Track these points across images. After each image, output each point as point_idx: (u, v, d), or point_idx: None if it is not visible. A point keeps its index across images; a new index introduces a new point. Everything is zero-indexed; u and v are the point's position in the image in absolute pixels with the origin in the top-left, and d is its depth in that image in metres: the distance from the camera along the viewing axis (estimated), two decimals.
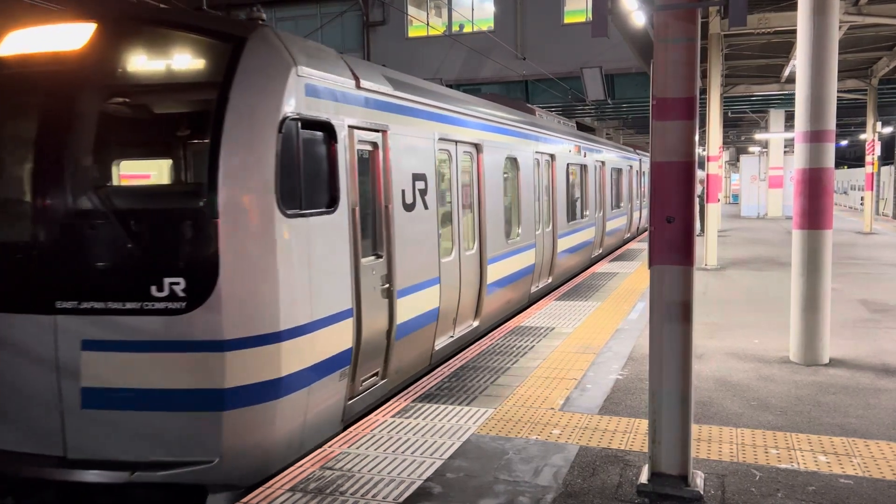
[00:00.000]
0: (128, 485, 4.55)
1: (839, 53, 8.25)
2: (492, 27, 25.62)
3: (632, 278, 13.25)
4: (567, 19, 25.20)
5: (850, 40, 15.84)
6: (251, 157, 4.63)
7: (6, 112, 5.07)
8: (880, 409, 5.83)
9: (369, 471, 4.71)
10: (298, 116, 4.90)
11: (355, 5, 26.82)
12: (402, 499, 4.30)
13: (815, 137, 6.94)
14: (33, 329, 4.70)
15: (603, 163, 17.24)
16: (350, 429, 5.49)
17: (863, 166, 27.51)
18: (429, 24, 26.32)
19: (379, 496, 4.33)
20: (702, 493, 4.29)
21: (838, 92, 8.18)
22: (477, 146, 8.63)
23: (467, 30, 25.90)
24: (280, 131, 4.72)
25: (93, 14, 4.97)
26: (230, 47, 4.76)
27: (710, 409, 5.86)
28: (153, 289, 4.55)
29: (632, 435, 5.30)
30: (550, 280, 12.30)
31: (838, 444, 5.06)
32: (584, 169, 15.04)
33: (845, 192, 41.82)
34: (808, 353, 7.18)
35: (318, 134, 5.22)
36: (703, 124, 17.88)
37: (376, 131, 6.09)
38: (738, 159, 42.72)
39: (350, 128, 5.60)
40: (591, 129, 33.18)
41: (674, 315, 4.26)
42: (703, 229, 17.18)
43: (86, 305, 4.63)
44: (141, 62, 4.93)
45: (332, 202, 5.32)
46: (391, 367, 6.37)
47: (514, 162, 10.19)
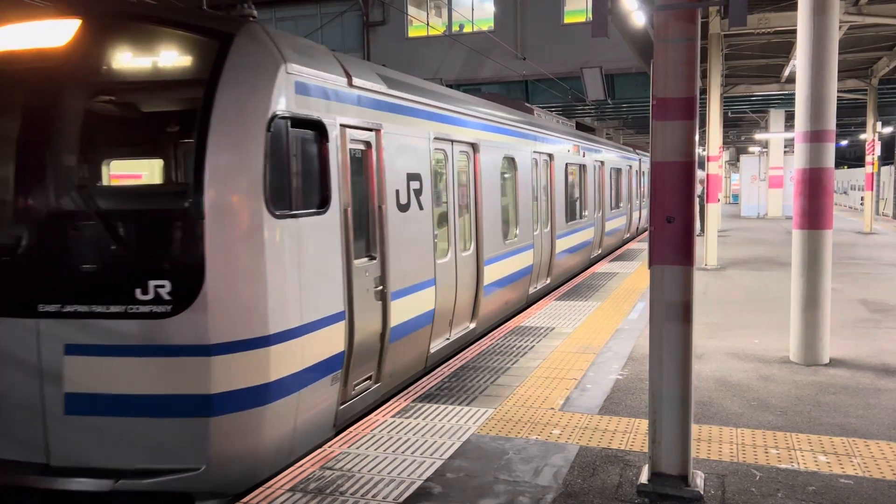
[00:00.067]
0: (112, 493, 4.45)
1: (839, 53, 8.26)
2: (492, 27, 25.62)
3: (632, 278, 13.25)
4: (567, 19, 25.21)
5: (850, 40, 15.84)
6: (238, 156, 4.52)
7: None
8: (880, 409, 5.83)
9: (369, 471, 4.71)
10: (288, 115, 4.80)
11: (355, 5, 26.83)
12: (402, 499, 4.30)
13: (815, 137, 6.94)
14: (15, 333, 4.58)
15: (602, 162, 17.20)
16: (350, 429, 5.49)
17: (863, 166, 27.53)
18: (429, 24, 26.32)
19: (379, 496, 4.33)
20: (702, 493, 4.29)
21: (838, 92, 8.18)
22: (474, 146, 8.54)
23: (467, 30, 25.91)
24: (268, 130, 4.61)
25: (77, 10, 4.86)
26: (217, 44, 4.66)
27: (710, 409, 5.86)
28: (138, 291, 4.44)
29: (632, 435, 5.30)
30: (549, 281, 12.26)
31: (838, 444, 5.06)
32: (582, 169, 14.97)
33: (845, 192, 41.83)
34: (808, 353, 7.18)
35: (308, 133, 5.11)
36: (703, 124, 17.88)
37: (369, 130, 5.99)
38: (738, 159, 42.74)
39: (342, 126, 5.50)
40: (591, 129, 33.20)
41: (674, 315, 4.26)
42: (703, 229, 17.19)
43: (69, 309, 4.51)
44: (126, 59, 4.82)
45: (323, 203, 5.22)
46: (385, 371, 6.27)
47: (512, 162, 10.11)
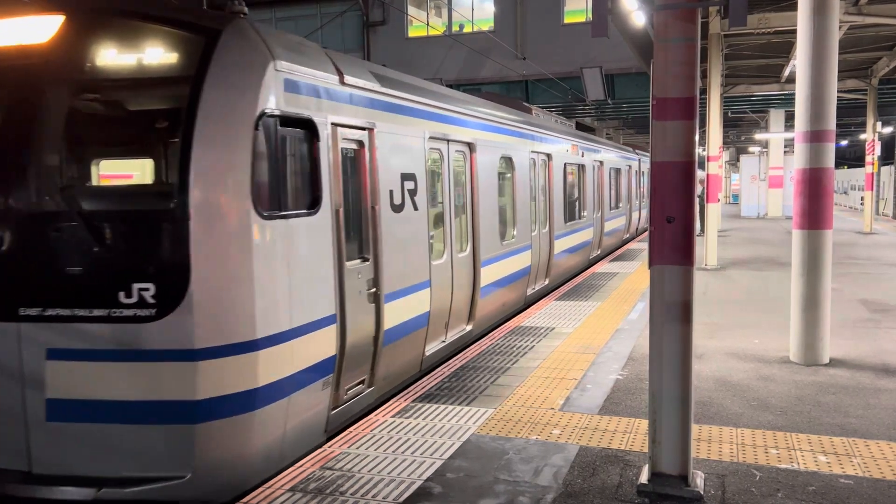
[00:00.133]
0: (95, 501, 4.35)
1: (839, 53, 8.26)
2: (492, 27, 25.65)
3: (632, 278, 13.25)
4: (567, 19, 25.24)
5: (850, 40, 15.84)
6: (225, 155, 4.42)
7: None
8: (880, 408, 5.83)
9: (369, 471, 4.71)
10: (276, 113, 4.69)
11: (355, 5, 26.84)
12: (402, 499, 4.30)
13: (815, 137, 6.94)
14: None
15: (601, 162, 17.18)
16: (350, 428, 5.48)
17: (863, 166, 27.54)
18: (429, 24, 26.33)
19: (379, 496, 4.33)
20: (702, 493, 4.29)
21: (838, 92, 8.18)
22: (470, 145, 8.45)
23: (467, 30, 25.92)
24: (256, 128, 4.51)
25: (61, 6, 4.75)
26: (203, 40, 4.55)
27: (710, 409, 5.86)
28: (121, 295, 4.33)
29: (632, 435, 5.30)
30: (547, 282, 12.20)
31: (838, 444, 5.06)
32: (581, 169, 14.93)
33: (845, 192, 41.83)
34: (809, 353, 7.18)
35: (298, 132, 5.01)
36: (703, 124, 17.88)
37: (362, 129, 5.88)
38: (738, 159, 42.75)
39: (333, 125, 5.40)
40: (591, 129, 33.20)
41: (674, 315, 4.26)
42: (703, 229, 17.19)
43: (51, 312, 4.40)
44: (111, 56, 4.71)
45: (313, 203, 5.12)
46: (378, 375, 6.17)
47: (510, 161, 10.04)
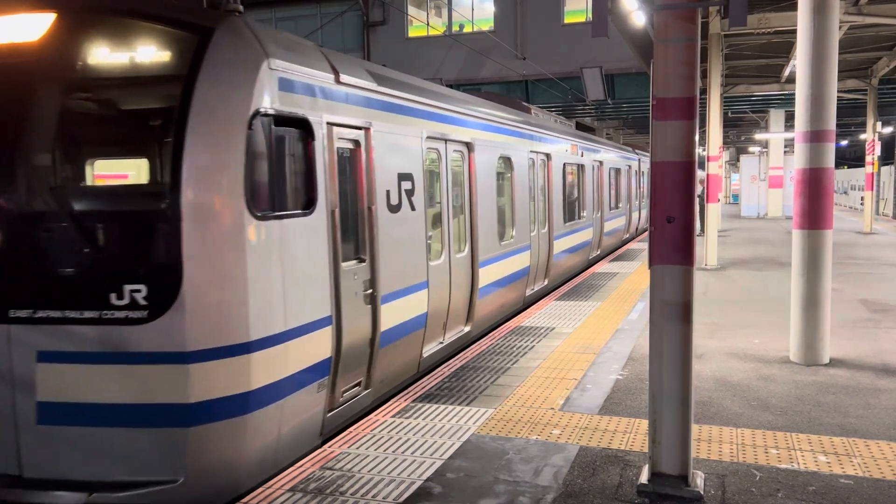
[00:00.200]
0: None
1: (839, 53, 8.26)
2: (492, 27, 25.64)
3: (632, 278, 13.25)
4: (567, 19, 25.24)
5: (850, 40, 15.84)
6: (217, 155, 4.36)
7: None
8: (880, 408, 5.83)
9: (369, 471, 4.71)
10: (271, 112, 4.63)
11: (355, 5, 26.84)
12: (402, 499, 4.30)
13: (815, 137, 6.94)
14: None
15: (601, 162, 17.16)
16: (350, 428, 5.48)
17: (863, 166, 27.55)
18: (429, 24, 26.33)
19: (379, 496, 4.33)
20: (702, 493, 4.29)
21: (838, 92, 8.18)
22: (468, 145, 8.41)
23: (467, 30, 25.92)
24: (250, 128, 4.45)
25: (52, 3, 4.69)
26: (196, 38, 4.50)
27: (710, 409, 5.86)
28: (113, 296, 4.28)
29: (632, 435, 5.30)
30: (546, 282, 12.17)
31: (838, 444, 5.06)
32: (581, 169, 14.90)
33: (845, 192, 41.83)
34: (809, 353, 7.18)
35: (293, 131, 4.95)
36: (703, 124, 17.88)
37: (358, 128, 5.83)
38: (738, 159, 42.74)
39: (329, 125, 5.34)
40: (591, 129, 33.22)
41: (674, 315, 4.26)
42: (703, 229, 17.19)
43: (41, 314, 4.35)
44: (102, 54, 4.66)
45: (308, 203, 5.07)
46: (375, 377, 6.12)
47: (508, 161, 10.01)
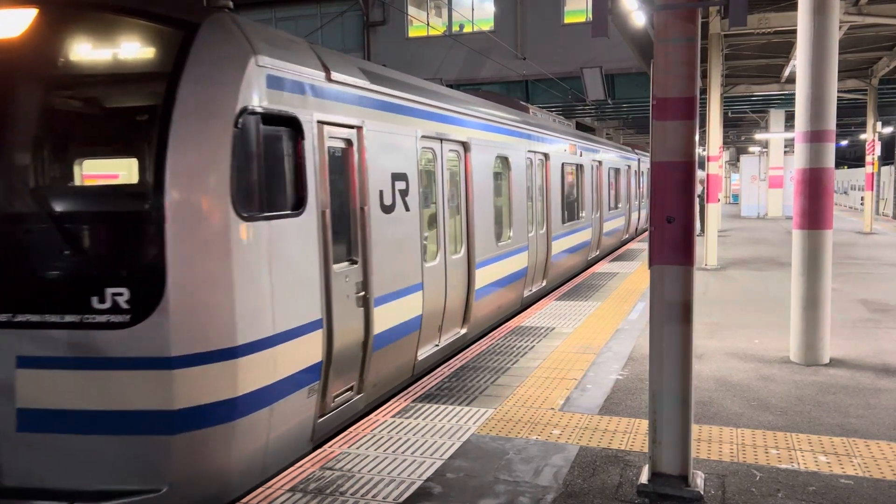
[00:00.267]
0: None
1: (839, 53, 8.26)
2: (492, 27, 25.65)
3: (632, 278, 13.25)
4: (567, 19, 25.24)
5: (850, 40, 15.84)
6: (203, 154, 4.27)
7: None
8: (880, 408, 5.83)
9: (369, 471, 4.71)
10: (258, 110, 4.53)
11: (355, 5, 26.84)
12: (402, 499, 4.30)
13: (816, 137, 6.94)
14: None
15: (600, 162, 17.12)
16: (350, 428, 5.48)
17: (863, 166, 27.55)
18: (429, 24, 26.33)
19: (379, 496, 4.33)
20: (702, 493, 4.29)
21: (838, 92, 8.17)
22: (465, 144, 8.33)
23: (467, 30, 25.93)
24: (236, 126, 4.34)
25: None
26: (181, 34, 4.41)
27: (710, 409, 5.86)
28: (94, 300, 4.19)
29: (632, 435, 5.30)
30: (545, 283, 12.10)
31: (838, 444, 5.06)
32: (580, 169, 14.86)
33: (845, 192, 41.83)
34: (809, 353, 7.18)
35: (281, 130, 4.85)
36: (703, 124, 17.88)
37: (350, 127, 5.72)
38: (738, 159, 42.75)
39: (320, 123, 5.23)
40: (591, 129, 33.22)
41: (674, 315, 4.26)
42: (703, 229, 17.19)
43: (21, 318, 4.27)
44: (85, 51, 4.57)
45: (298, 204, 4.96)
46: (368, 381, 6.01)
47: (506, 161, 9.93)
